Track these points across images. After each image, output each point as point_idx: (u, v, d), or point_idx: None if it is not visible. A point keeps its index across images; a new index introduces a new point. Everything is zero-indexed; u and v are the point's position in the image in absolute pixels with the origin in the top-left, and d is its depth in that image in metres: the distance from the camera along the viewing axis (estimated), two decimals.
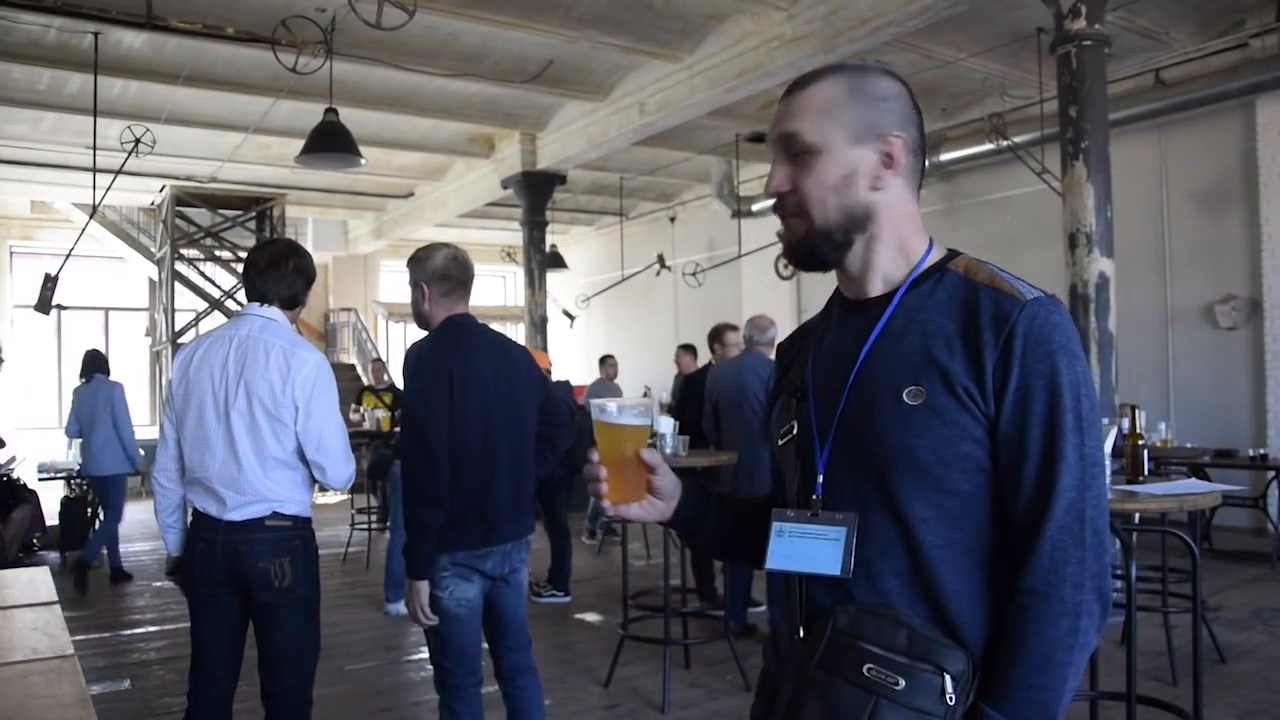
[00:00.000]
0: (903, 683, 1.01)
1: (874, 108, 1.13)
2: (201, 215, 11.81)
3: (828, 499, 1.12)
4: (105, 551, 7.08)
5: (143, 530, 8.69)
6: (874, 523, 1.09)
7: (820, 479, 1.12)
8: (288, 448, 2.55)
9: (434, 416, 2.54)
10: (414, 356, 2.63)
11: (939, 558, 1.07)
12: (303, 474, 2.62)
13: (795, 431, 1.16)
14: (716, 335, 5.53)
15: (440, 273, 2.70)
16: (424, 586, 2.56)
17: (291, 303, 2.67)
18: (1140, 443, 3.56)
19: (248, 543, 2.51)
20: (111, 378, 6.76)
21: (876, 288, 1.16)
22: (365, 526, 7.34)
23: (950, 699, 1.02)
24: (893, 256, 1.16)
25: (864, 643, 1.05)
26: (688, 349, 8.31)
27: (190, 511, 2.63)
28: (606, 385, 9.16)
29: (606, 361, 9.45)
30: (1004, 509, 1.08)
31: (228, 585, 2.55)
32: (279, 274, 2.64)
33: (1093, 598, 1.04)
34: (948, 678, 1.02)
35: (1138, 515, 3.78)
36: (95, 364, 6.75)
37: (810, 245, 1.14)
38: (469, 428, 2.60)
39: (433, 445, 2.53)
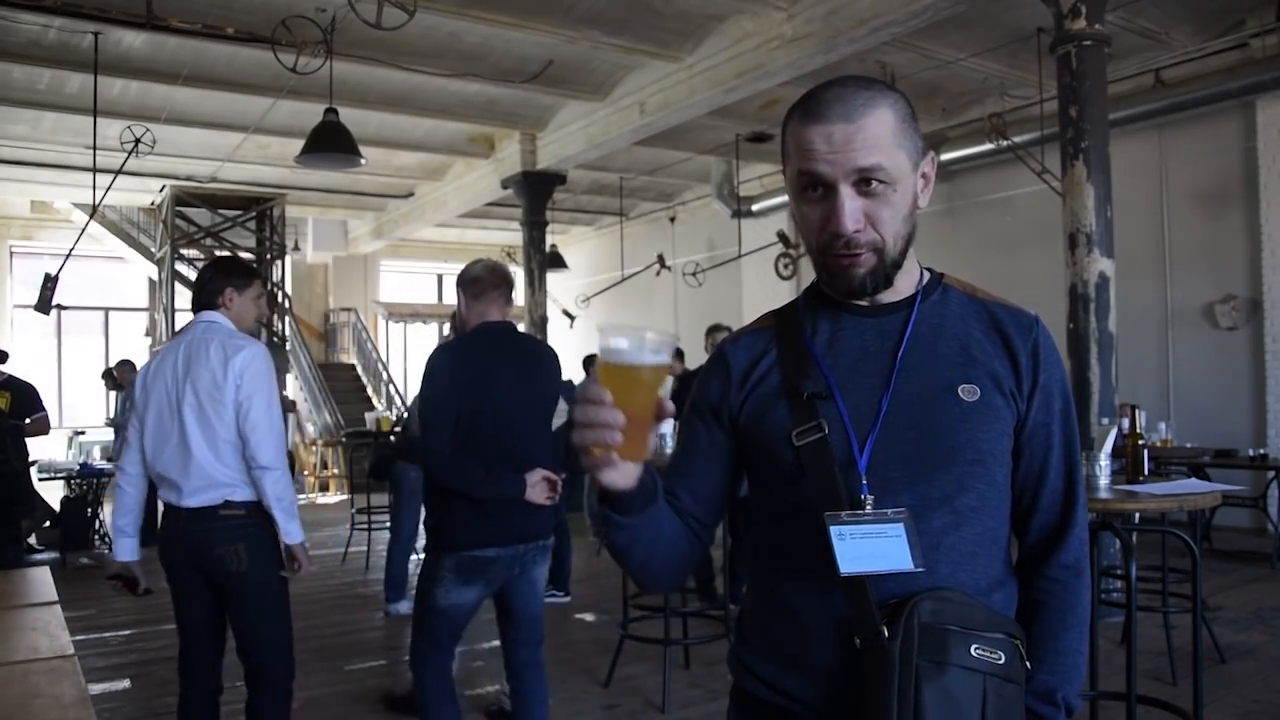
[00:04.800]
0: (1002, 657, 1.05)
1: (917, 130, 1.15)
2: (201, 215, 11.80)
3: (878, 497, 1.10)
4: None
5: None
6: (929, 516, 1.10)
7: (864, 478, 1.10)
8: (234, 429, 2.76)
9: (432, 433, 2.71)
10: (426, 365, 2.83)
11: (977, 545, 1.13)
12: None
13: (826, 431, 1.12)
14: (711, 335, 5.55)
15: (472, 276, 2.91)
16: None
17: (210, 302, 2.89)
18: (1140, 443, 3.56)
19: (204, 531, 2.74)
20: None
21: (893, 294, 1.19)
22: (365, 526, 7.34)
23: (1028, 665, 1.11)
24: (910, 266, 1.19)
25: (957, 626, 1.05)
26: (675, 353, 8.29)
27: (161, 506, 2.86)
28: None
29: (595, 362, 9.39)
30: (1024, 498, 1.19)
31: (193, 570, 2.78)
32: (200, 289, 2.93)
33: (1089, 572, 1.21)
34: (1019, 644, 1.09)
35: (1138, 515, 3.77)
36: None
37: (883, 274, 1.14)
38: (481, 433, 2.74)
39: (432, 463, 2.73)
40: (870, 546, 1.07)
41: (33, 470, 7.53)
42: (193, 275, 12.03)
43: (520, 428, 2.82)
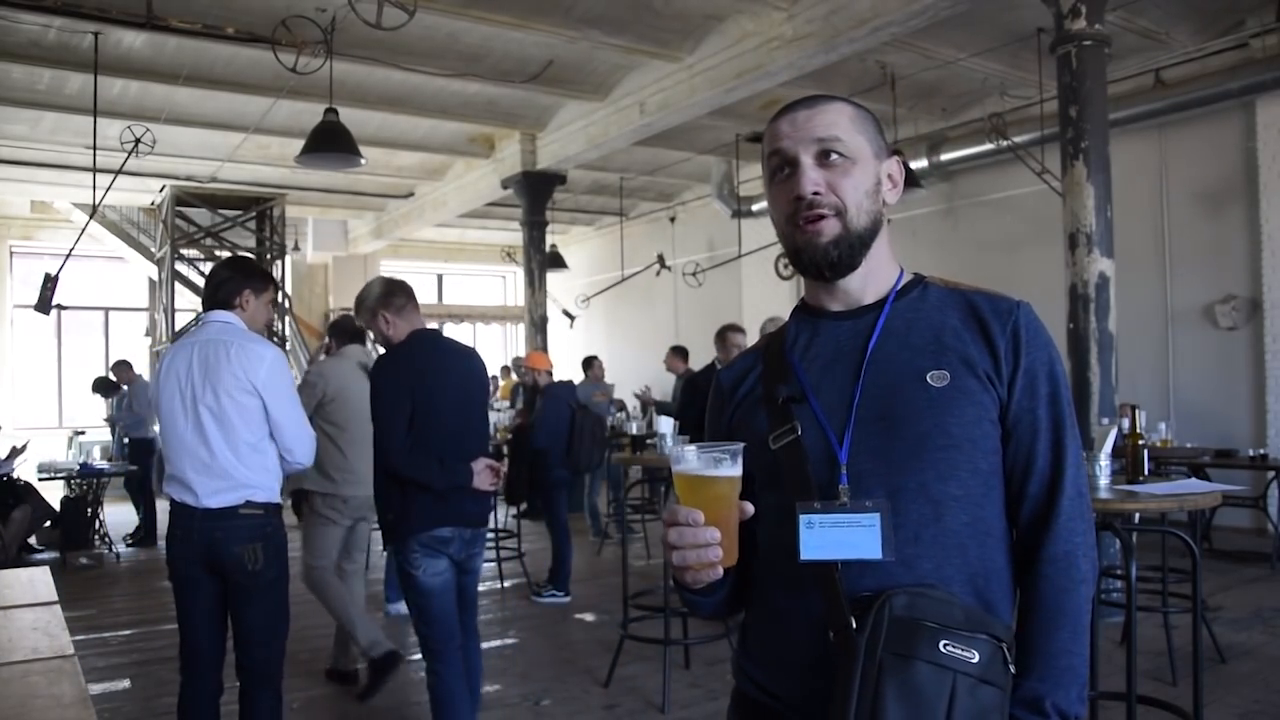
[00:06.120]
0: (976, 656, 1.02)
1: (880, 134, 1.23)
2: (201, 215, 11.80)
3: (853, 489, 1.11)
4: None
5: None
6: (905, 506, 1.10)
7: (844, 470, 1.12)
8: (257, 432, 2.81)
9: (390, 435, 2.94)
10: (373, 375, 3.02)
11: (966, 536, 1.11)
12: (272, 459, 2.86)
13: (799, 432, 1.15)
14: (721, 336, 5.51)
15: (385, 293, 3.10)
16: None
17: (227, 301, 2.92)
18: (1140, 443, 3.55)
19: (223, 530, 2.76)
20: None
21: (868, 296, 1.23)
22: None
23: (1011, 668, 1.06)
24: (883, 266, 1.23)
25: (929, 621, 1.02)
26: (678, 351, 8.31)
27: (169, 504, 2.89)
28: (596, 387, 9.10)
29: (594, 364, 9.34)
30: (1011, 486, 1.15)
31: (206, 569, 2.79)
32: (217, 287, 2.95)
33: (1090, 567, 1.14)
34: (1004, 646, 1.05)
35: (1138, 515, 3.77)
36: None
37: (847, 244, 1.17)
38: (430, 430, 2.98)
39: (394, 461, 2.94)
40: (838, 535, 1.08)
41: (17, 467, 7.45)
42: (192, 275, 12.08)
43: (464, 422, 3.10)
